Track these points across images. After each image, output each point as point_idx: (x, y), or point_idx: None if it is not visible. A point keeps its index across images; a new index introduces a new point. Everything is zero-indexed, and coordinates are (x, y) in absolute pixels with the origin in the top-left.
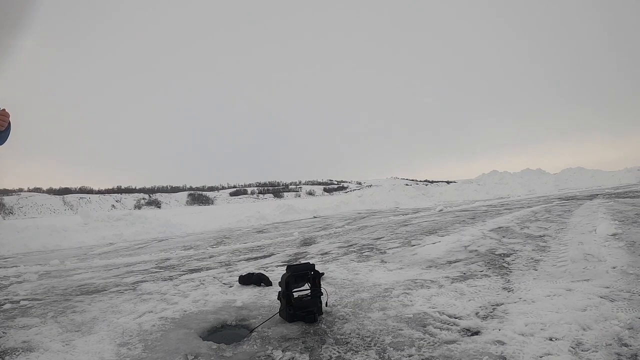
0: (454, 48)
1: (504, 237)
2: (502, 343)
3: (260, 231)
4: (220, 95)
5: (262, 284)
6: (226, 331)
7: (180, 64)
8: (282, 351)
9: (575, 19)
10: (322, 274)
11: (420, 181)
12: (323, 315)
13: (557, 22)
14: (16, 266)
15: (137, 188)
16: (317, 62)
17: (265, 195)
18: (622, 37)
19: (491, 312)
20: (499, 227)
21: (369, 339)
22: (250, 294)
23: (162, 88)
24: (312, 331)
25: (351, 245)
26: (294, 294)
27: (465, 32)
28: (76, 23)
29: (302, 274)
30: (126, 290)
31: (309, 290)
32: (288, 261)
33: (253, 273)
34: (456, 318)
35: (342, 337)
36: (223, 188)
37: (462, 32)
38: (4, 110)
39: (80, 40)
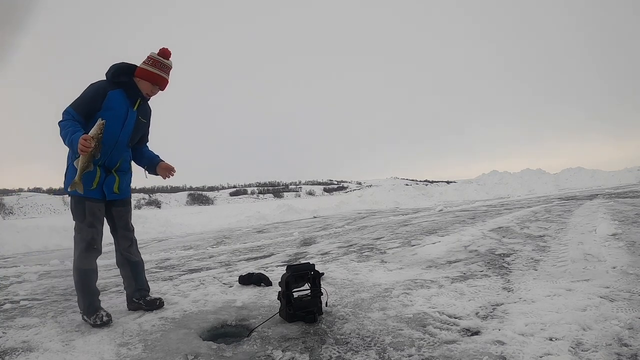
0: (454, 47)
1: (504, 237)
2: (502, 343)
3: (260, 231)
4: (221, 95)
5: (262, 284)
6: (226, 331)
7: (180, 63)
8: (282, 351)
9: (577, 19)
10: (322, 274)
11: (420, 181)
12: (323, 315)
13: (558, 22)
14: (16, 266)
15: (137, 188)
16: (317, 62)
17: (265, 195)
18: (622, 37)
19: (491, 312)
20: (499, 227)
21: (369, 339)
22: (250, 294)
23: None
24: (312, 331)
25: (351, 245)
26: (294, 294)
27: (466, 31)
28: (77, 21)
29: (302, 274)
30: None
31: (309, 290)
32: (288, 261)
33: (253, 273)
34: (456, 318)
35: (342, 337)
36: (223, 188)
37: (462, 32)
38: (172, 167)
39: (81, 38)
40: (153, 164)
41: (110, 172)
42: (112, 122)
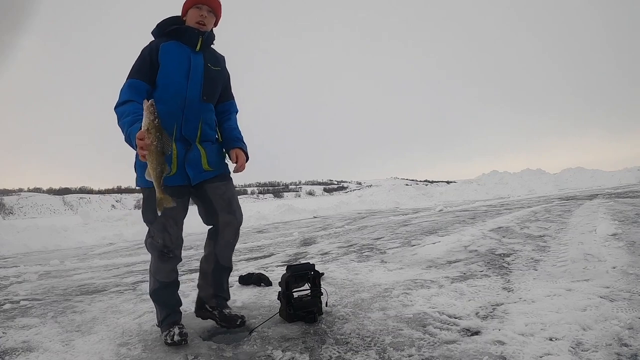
0: (453, 47)
1: (504, 237)
2: (502, 343)
3: (260, 231)
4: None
5: (262, 284)
6: (226, 331)
7: None
8: (282, 351)
9: (575, 17)
10: (322, 274)
11: (420, 181)
12: (323, 315)
13: (557, 21)
14: (16, 266)
15: (137, 188)
16: (314, 62)
17: (265, 195)
18: (621, 36)
19: (491, 312)
20: (499, 227)
21: (369, 339)
22: (250, 294)
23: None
24: (312, 331)
25: (351, 245)
26: (294, 294)
27: (464, 30)
28: (78, 20)
29: (302, 274)
30: (126, 290)
31: (309, 290)
32: (288, 261)
33: (253, 273)
34: (456, 318)
35: (342, 337)
36: None
37: (460, 30)
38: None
39: (82, 38)
40: (229, 141)
41: (190, 144)
42: (174, 74)
